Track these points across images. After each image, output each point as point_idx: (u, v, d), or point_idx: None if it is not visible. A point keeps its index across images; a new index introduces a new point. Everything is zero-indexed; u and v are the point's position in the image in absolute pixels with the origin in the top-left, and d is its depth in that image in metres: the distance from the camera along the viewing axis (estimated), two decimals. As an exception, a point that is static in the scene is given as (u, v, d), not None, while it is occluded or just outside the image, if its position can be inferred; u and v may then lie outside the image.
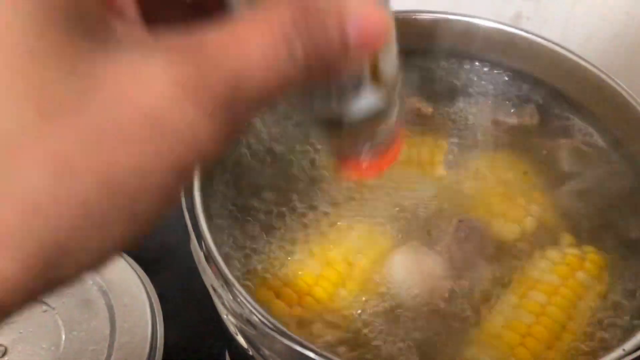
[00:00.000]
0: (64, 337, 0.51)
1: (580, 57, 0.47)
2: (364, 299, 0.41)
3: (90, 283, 0.54)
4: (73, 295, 0.53)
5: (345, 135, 0.27)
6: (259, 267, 0.42)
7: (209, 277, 0.36)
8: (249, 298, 0.34)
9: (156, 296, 0.54)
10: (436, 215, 0.45)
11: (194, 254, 0.37)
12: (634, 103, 0.44)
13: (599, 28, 0.52)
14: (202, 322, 0.54)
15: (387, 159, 0.29)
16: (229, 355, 0.51)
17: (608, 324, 0.40)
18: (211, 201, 0.44)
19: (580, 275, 0.42)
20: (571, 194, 0.46)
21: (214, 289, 0.35)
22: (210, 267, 0.36)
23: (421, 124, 0.49)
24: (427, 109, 0.49)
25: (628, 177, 0.46)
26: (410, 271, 0.41)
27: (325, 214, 0.44)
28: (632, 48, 0.52)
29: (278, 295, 0.40)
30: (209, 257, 0.36)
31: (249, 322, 0.34)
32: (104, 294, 0.53)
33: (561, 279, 0.42)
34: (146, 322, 0.52)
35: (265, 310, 0.33)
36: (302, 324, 0.39)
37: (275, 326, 0.32)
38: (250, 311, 0.34)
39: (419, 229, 0.44)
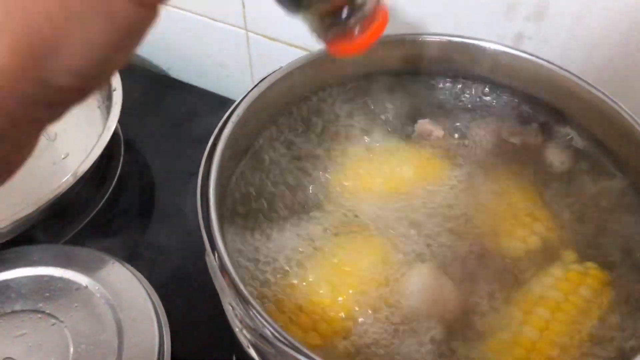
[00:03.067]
0: (72, 350, 0.51)
1: (579, 78, 0.48)
2: (378, 322, 0.41)
3: (98, 296, 0.54)
4: (81, 309, 0.54)
5: (323, 11, 0.29)
6: (274, 291, 0.42)
7: (223, 291, 0.37)
8: (264, 314, 0.34)
9: (164, 310, 0.54)
10: (444, 234, 0.45)
11: (209, 267, 0.38)
12: (631, 121, 0.45)
13: (598, 48, 0.54)
14: (209, 336, 0.55)
15: (372, 32, 0.30)
16: (237, 369, 0.51)
17: (609, 339, 0.41)
18: (227, 215, 0.45)
19: (583, 291, 0.43)
20: (574, 211, 0.47)
21: (229, 303, 0.36)
22: (225, 281, 0.37)
23: (432, 145, 0.51)
24: (439, 131, 0.50)
25: (630, 195, 0.47)
26: (422, 292, 0.42)
27: (337, 235, 0.45)
28: (630, 68, 0.54)
29: (292, 320, 0.40)
30: (223, 270, 0.37)
31: (262, 337, 0.34)
32: (112, 307, 0.54)
33: (564, 295, 0.43)
34: (154, 336, 0.52)
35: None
36: (316, 348, 0.39)
37: (290, 343, 0.33)
38: (264, 326, 0.35)
39: (428, 250, 0.45)
